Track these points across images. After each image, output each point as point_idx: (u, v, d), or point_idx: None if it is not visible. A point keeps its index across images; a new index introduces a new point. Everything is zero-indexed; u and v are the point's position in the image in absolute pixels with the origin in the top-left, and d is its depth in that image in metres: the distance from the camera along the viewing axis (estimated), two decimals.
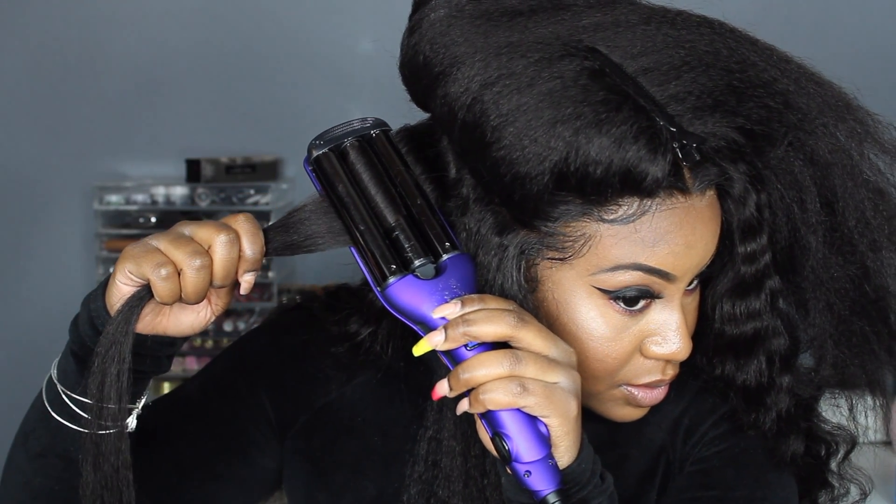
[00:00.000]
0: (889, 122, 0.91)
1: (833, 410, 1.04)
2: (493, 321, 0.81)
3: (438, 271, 0.85)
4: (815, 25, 2.36)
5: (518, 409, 0.80)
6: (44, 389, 0.92)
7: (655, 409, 0.98)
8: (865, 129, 0.90)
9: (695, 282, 0.92)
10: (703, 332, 0.95)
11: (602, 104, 0.82)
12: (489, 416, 0.81)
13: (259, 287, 2.47)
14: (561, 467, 0.81)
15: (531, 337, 0.81)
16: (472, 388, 0.81)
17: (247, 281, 0.86)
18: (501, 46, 0.86)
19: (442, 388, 0.83)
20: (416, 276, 0.84)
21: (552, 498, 0.80)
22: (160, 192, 2.52)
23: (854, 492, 1.05)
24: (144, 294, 0.84)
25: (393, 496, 1.01)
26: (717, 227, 0.90)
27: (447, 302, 0.83)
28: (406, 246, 0.85)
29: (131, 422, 0.90)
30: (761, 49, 0.90)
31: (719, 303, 0.94)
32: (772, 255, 0.93)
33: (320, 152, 0.89)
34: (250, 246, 0.85)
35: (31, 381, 2.72)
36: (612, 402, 0.94)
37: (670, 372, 0.93)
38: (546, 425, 0.81)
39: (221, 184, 2.50)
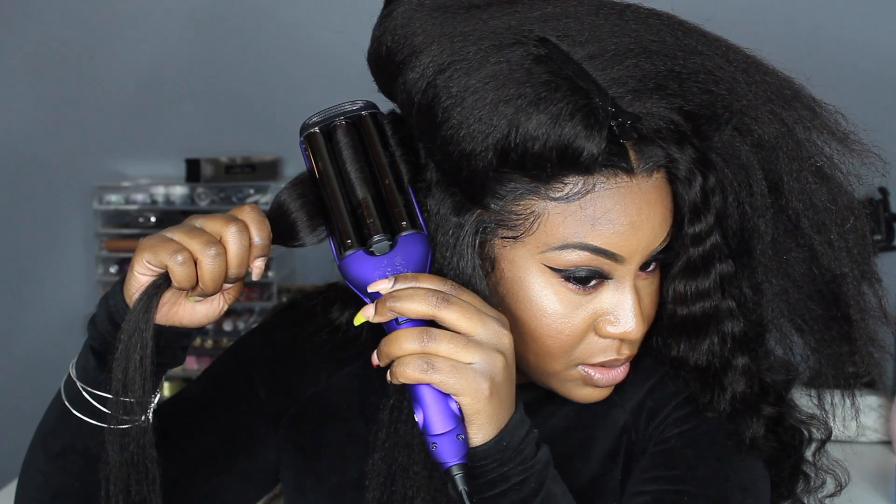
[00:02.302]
0: (836, 110, 0.95)
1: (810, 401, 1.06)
2: (415, 299, 0.85)
3: (393, 248, 0.89)
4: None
5: (430, 385, 0.84)
6: (62, 389, 0.95)
7: (620, 391, 1.02)
8: (813, 116, 0.94)
9: (652, 265, 0.95)
10: (658, 313, 0.98)
11: (542, 85, 0.87)
12: (409, 389, 0.85)
13: (259, 287, 2.48)
14: (474, 444, 0.85)
15: (454, 317, 0.84)
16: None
17: (258, 267, 0.89)
18: (456, 35, 0.91)
19: (374, 358, 0.88)
20: (367, 252, 0.89)
21: (455, 471, 0.84)
22: (160, 191, 2.52)
23: (830, 484, 1.07)
24: (162, 282, 0.87)
25: None
26: (666, 211, 0.93)
27: (384, 277, 0.87)
28: (367, 222, 0.90)
29: (149, 415, 0.91)
30: (710, 40, 0.94)
31: (672, 284, 0.97)
32: (724, 239, 0.96)
33: (310, 131, 0.94)
34: (258, 233, 0.88)
35: (32, 379, 2.73)
36: (571, 383, 0.97)
37: (626, 352, 0.95)
38: (458, 402, 0.84)
39: (221, 183, 2.50)
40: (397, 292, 0.86)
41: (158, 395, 0.95)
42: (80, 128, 2.66)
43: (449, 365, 0.83)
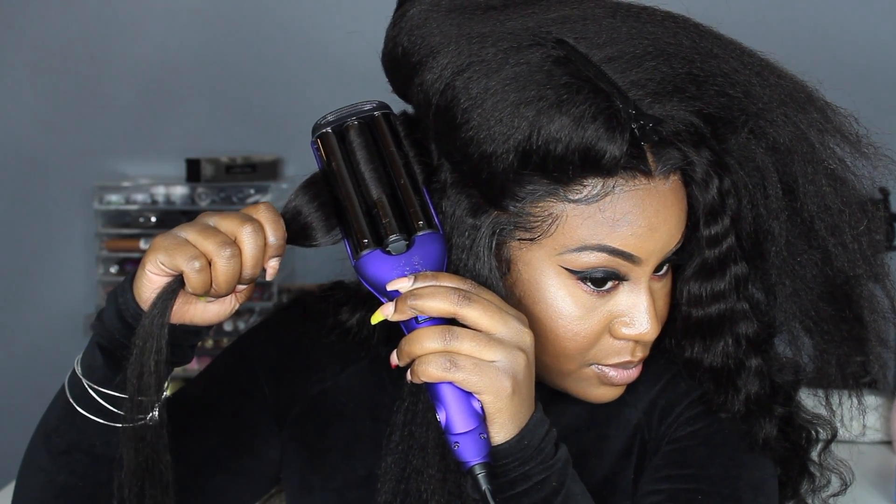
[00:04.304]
0: (849, 113, 0.95)
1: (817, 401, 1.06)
2: (437, 297, 0.85)
3: (410, 248, 0.89)
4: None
5: (452, 383, 0.84)
6: (66, 386, 0.94)
7: (632, 390, 1.02)
8: (826, 119, 0.94)
9: (665, 267, 0.95)
10: (671, 315, 0.99)
11: (564, 87, 0.87)
12: (429, 388, 0.85)
13: (259, 287, 2.47)
14: (496, 443, 0.85)
15: (476, 315, 0.84)
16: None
17: (272, 267, 0.89)
18: (474, 37, 0.91)
19: (393, 358, 0.88)
20: (385, 251, 0.88)
21: (478, 469, 0.84)
22: (160, 191, 2.51)
23: (835, 483, 1.07)
24: (177, 286, 0.86)
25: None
26: (682, 213, 0.93)
27: (404, 276, 0.87)
28: (383, 222, 0.89)
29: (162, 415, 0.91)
30: (725, 43, 0.94)
31: (686, 286, 0.97)
32: (738, 241, 0.96)
33: (323, 131, 0.94)
34: (273, 233, 0.88)
35: (32, 379, 2.72)
36: (585, 382, 0.97)
37: (640, 353, 0.96)
38: (480, 401, 0.84)
39: (221, 183, 2.50)
40: (418, 290, 0.85)
41: (167, 392, 0.93)
42: (80, 128, 2.66)
43: (471, 363, 0.83)
